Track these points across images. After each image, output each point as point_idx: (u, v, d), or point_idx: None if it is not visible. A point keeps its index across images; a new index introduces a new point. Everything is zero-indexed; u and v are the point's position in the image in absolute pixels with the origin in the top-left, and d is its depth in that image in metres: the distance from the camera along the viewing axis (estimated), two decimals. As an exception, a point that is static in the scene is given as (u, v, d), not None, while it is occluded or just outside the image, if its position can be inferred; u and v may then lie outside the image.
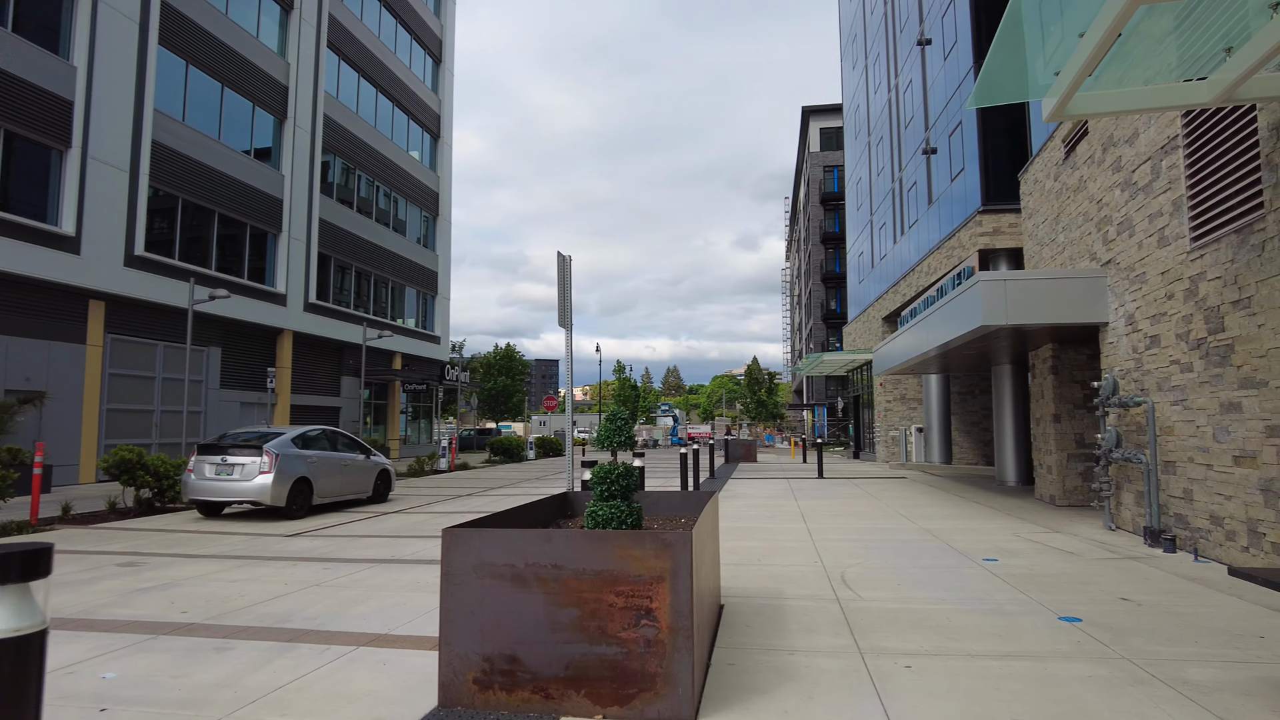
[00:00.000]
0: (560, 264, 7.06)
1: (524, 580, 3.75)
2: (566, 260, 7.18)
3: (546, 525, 5.44)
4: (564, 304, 7.05)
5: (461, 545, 3.82)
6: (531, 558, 3.76)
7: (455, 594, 3.82)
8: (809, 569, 7.61)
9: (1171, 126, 8.55)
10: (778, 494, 15.79)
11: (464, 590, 3.80)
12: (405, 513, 13.45)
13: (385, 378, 33.61)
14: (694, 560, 3.73)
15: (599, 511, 4.64)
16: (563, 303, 7.05)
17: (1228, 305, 7.45)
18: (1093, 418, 12.97)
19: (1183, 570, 7.34)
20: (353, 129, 31.46)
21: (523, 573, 3.75)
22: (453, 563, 3.84)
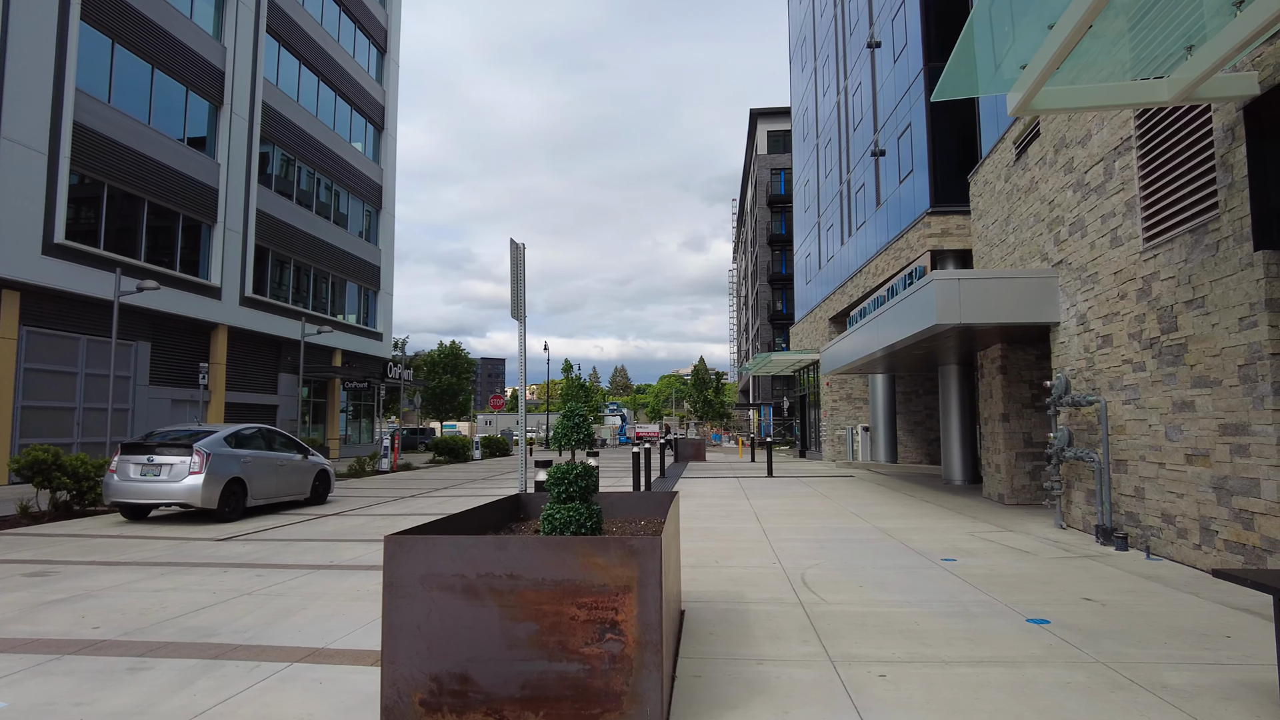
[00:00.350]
0: (513, 252, 6.68)
1: (476, 592, 3.41)
2: (520, 249, 6.80)
3: (498, 530, 5.10)
4: (517, 295, 6.68)
5: (406, 554, 3.47)
6: (484, 567, 3.42)
7: (400, 607, 3.46)
8: (769, 571, 7.40)
9: (1125, 128, 8.60)
10: (730, 493, 15.64)
11: (409, 603, 3.45)
12: (345, 515, 12.88)
13: (325, 375, 32.59)
14: (663, 568, 3.45)
15: (556, 515, 4.32)
16: (516, 294, 6.67)
17: (1181, 305, 7.49)
18: (1041, 417, 13.12)
19: (1137, 568, 7.35)
20: (293, 118, 30.40)
21: (474, 584, 3.42)
22: (397, 573, 3.48)
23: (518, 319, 6.72)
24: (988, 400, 14.14)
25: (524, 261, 6.70)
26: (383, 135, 39.04)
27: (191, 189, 24.10)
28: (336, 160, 33.85)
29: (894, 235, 20.93)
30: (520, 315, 6.67)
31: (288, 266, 30.42)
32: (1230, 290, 6.71)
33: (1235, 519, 6.67)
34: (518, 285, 6.63)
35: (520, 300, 6.65)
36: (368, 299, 37.66)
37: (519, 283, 6.63)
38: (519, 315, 6.73)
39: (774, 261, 65.28)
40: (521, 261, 6.70)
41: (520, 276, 6.63)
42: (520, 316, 6.68)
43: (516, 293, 6.64)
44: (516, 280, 6.61)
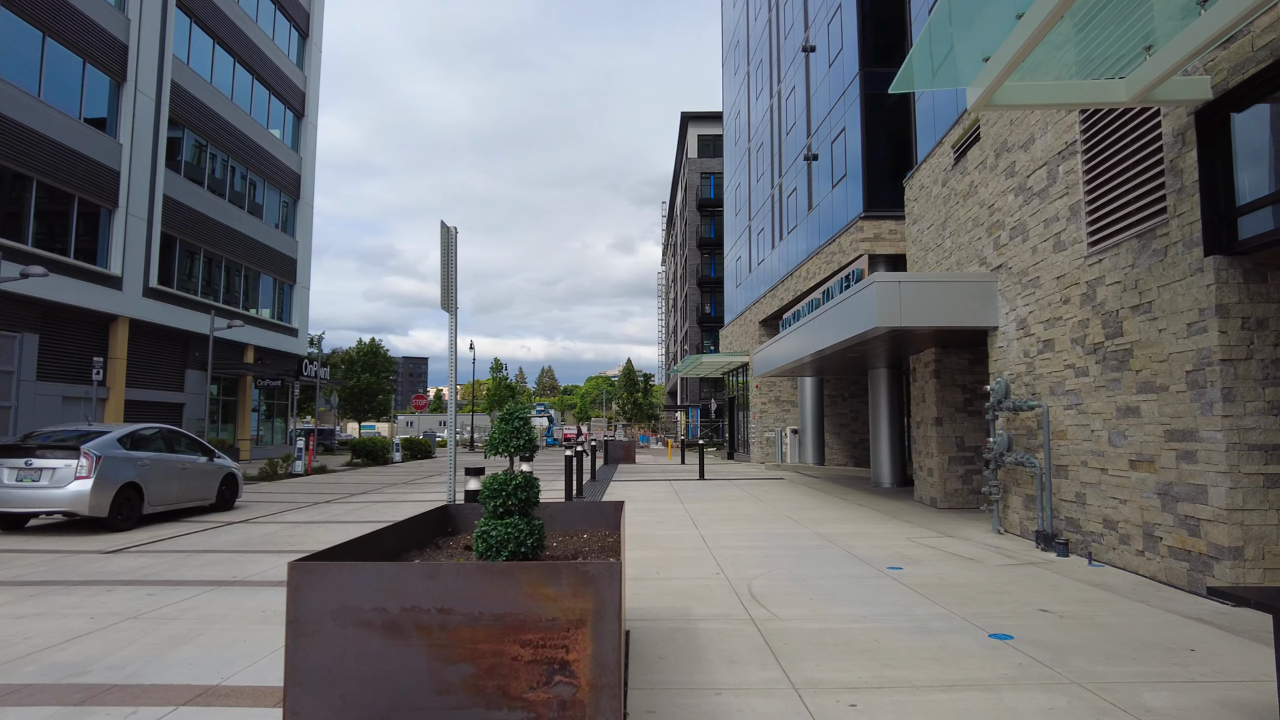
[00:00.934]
0: (444, 238, 6.06)
1: (400, 630, 2.87)
2: (451, 234, 6.15)
3: (423, 547, 4.53)
4: (448, 284, 6.06)
5: (316, 584, 2.91)
6: (410, 599, 2.89)
7: (307, 648, 2.89)
8: (713, 582, 7.01)
9: (1070, 132, 8.57)
10: (663, 497, 15.26)
11: (319, 643, 2.89)
12: (254, 523, 11.96)
13: (236, 372, 30.87)
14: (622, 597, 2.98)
15: (492, 532, 3.81)
16: (447, 283, 6.05)
17: (1127, 310, 7.45)
18: (974, 421, 13.18)
19: (1083, 576, 7.25)
20: (206, 100, 28.67)
21: (398, 619, 2.88)
22: (304, 607, 2.91)
23: (448, 310, 6.11)
24: (920, 404, 14.16)
25: (456, 247, 6.10)
26: (303, 123, 37.34)
27: (89, 170, 22.37)
28: (253, 147, 32.15)
29: (826, 239, 20.97)
30: (451, 307, 6.06)
31: (198, 257, 28.67)
32: (1179, 296, 6.66)
33: (1181, 525, 6.62)
34: (449, 274, 6.03)
35: (451, 291, 6.05)
36: (283, 293, 35.94)
37: (450, 271, 6.03)
38: (449, 306, 6.12)
39: (703, 265, 65.51)
40: (453, 248, 6.09)
41: (452, 264, 6.03)
42: (451, 308, 6.08)
43: (447, 282, 6.03)
44: (448, 268, 6.00)
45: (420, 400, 37.21)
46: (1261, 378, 6.15)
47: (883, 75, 18.74)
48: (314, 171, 38.42)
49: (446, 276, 6.09)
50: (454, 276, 6.07)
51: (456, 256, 6.10)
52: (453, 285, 6.08)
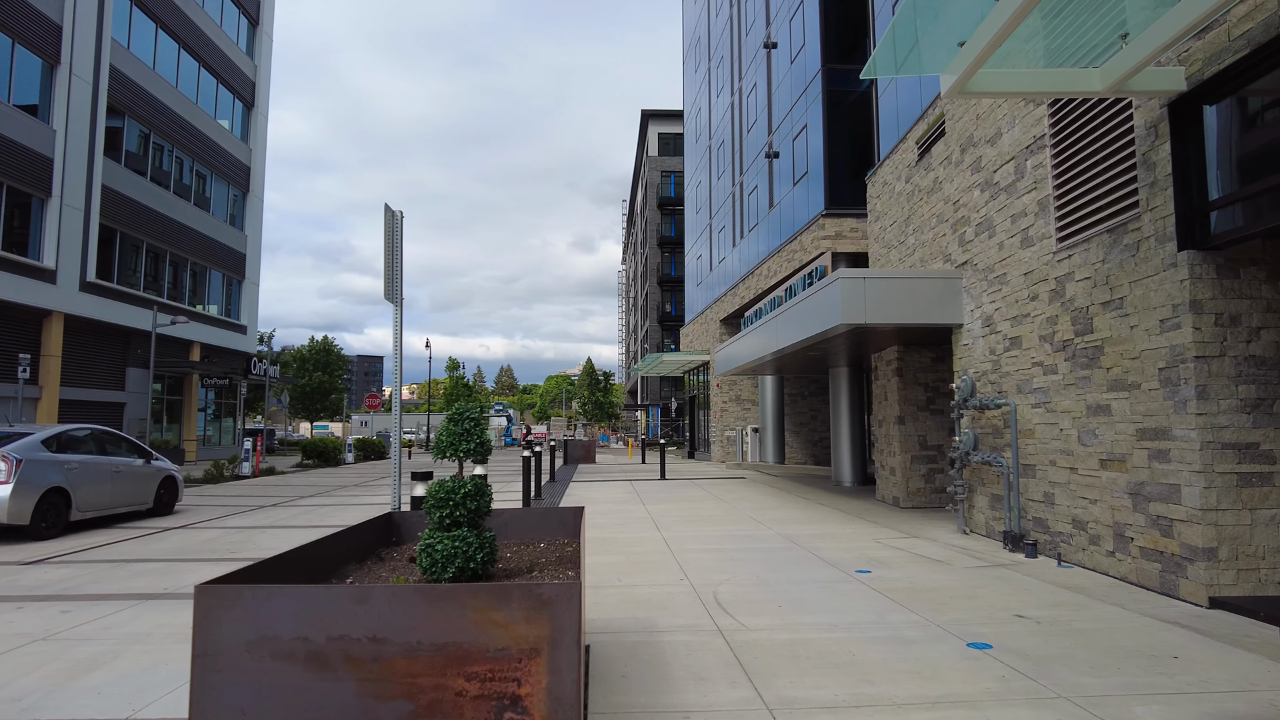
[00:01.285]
0: (388, 222, 5.59)
1: (326, 662, 2.49)
2: (396, 218, 5.68)
3: (365, 561, 4.14)
4: (393, 272, 5.59)
5: (228, 610, 2.51)
6: (338, 627, 2.51)
7: (218, 685, 2.50)
8: (677, 589, 6.70)
9: (1038, 126, 8.44)
10: (624, 498, 14.93)
11: (232, 679, 2.50)
12: (193, 528, 11.33)
13: (181, 370, 29.73)
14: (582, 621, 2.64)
15: (438, 546, 3.44)
16: (391, 271, 5.58)
17: (1098, 306, 7.32)
18: (936, 420, 13.09)
19: (1054, 578, 7.10)
20: (149, 87, 27.52)
21: (324, 650, 2.50)
22: (214, 637, 2.51)
23: (392, 301, 5.65)
24: (882, 402, 14.05)
25: (401, 233, 5.65)
26: (253, 114, 36.17)
27: (18, 156, 21.25)
28: (200, 138, 31.00)
29: (787, 237, 20.84)
30: (395, 297, 5.60)
31: (140, 250, 27.51)
32: (1151, 291, 6.53)
33: (1153, 525, 6.49)
34: (394, 262, 5.57)
35: (396, 280, 5.57)
36: (232, 289, 34.78)
37: (395, 259, 5.58)
38: (394, 297, 5.65)
39: (664, 263, 65.32)
40: (398, 233, 5.63)
41: (397, 252, 5.57)
42: (395, 299, 5.62)
43: (392, 270, 5.56)
44: (392, 255, 5.53)
45: (374, 400, 36.32)
46: (1234, 375, 6.03)
47: (845, 72, 18.65)
48: (265, 164, 37.27)
49: (391, 265, 5.61)
50: (399, 265, 5.61)
51: (402, 243, 5.65)
52: (397, 274, 5.61)
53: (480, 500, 3.57)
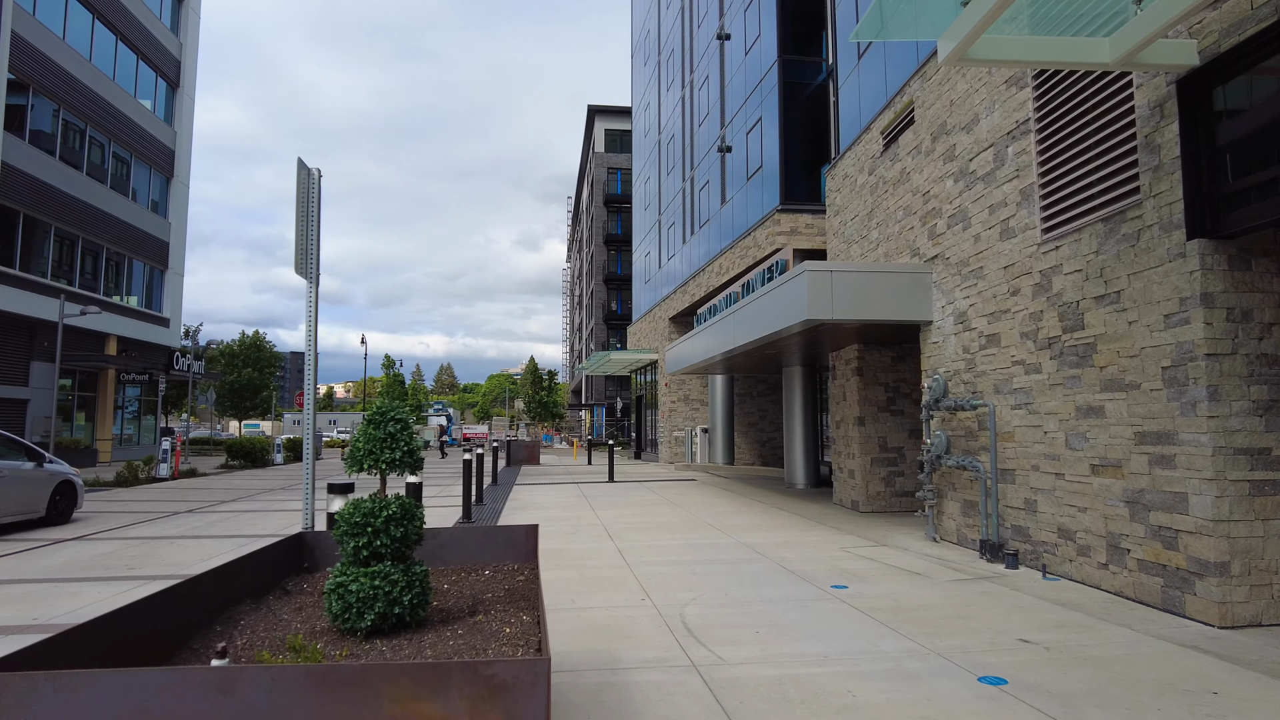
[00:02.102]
0: (303, 182, 4.60)
1: (171, 788, 1.67)
2: (313, 176, 4.70)
3: (263, 600, 3.28)
4: (306, 241, 4.64)
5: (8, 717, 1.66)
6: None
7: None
8: (639, 612, 5.96)
9: (1021, 110, 7.95)
10: (572, 502, 14.13)
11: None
12: (89, 539, 10.13)
13: (94, 365, 27.74)
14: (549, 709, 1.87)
15: (352, 585, 2.64)
16: (305, 240, 4.64)
17: (1090, 301, 6.84)
18: (897, 421, 12.64)
19: (1043, 592, 6.59)
20: (58, 59, 25.51)
21: (169, 769, 1.67)
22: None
23: (304, 276, 4.69)
24: (840, 403, 13.55)
25: (319, 195, 4.72)
26: (178, 94, 34.11)
27: (-94, 129, 19.32)
28: (117, 116, 28.97)
29: (740, 234, 20.30)
30: (309, 272, 4.65)
31: (47, 235, 25.50)
32: (1154, 284, 6.04)
33: (1154, 536, 6.01)
34: (308, 229, 4.62)
35: (310, 251, 4.62)
36: (154, 279, 32.72)
37: (310, 225, 4.63)
38: (307, 272, 4.69)
39: (610, 261, 64.55)
40: (315, 196, 4.67)
41: (312, 217, 4.62)
42: (309, 274, 4.67)
43: (306, 240, 4.62)
44: (307, 221, 4.59)
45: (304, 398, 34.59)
46: (1246, 374, 5.58)
47: (802, 64, 18.19)
48: (190, 148, 35.21)
49: (306, 234, 4.69)
50: (315, 234, 4.68)
51: (319, 208, 4.72)
52: (312, 245, 4.66)
53: (408, 526, 2.78)
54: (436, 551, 4.22)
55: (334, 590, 2.71)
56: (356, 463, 2.89)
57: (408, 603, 2.73)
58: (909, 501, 12.47)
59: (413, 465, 2.95)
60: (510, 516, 12.09)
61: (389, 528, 2.74)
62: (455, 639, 2.82)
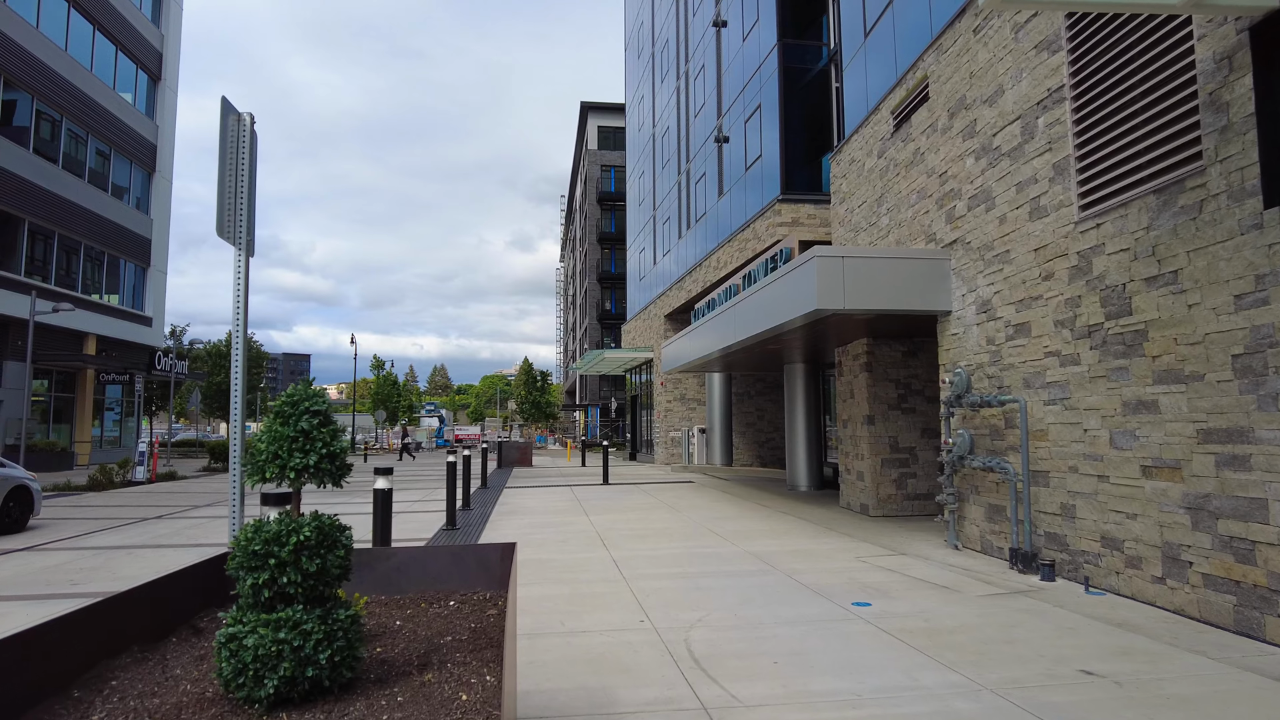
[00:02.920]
0: (229, 128, 3.76)
1: None
2: (243, 122, 3.85)
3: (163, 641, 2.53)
4: (234, 200, 3.77)
5: None
6: None
7: None
8: (638, 636, 5.21)
9: (1053, 77, 7.23)
10: (564, 506, 13.37)
11: None
12: (40, 550, 9.33)
13: (72, 364, 26.88)
14: None
15: (249, 641, 1.88)
16: (232, 198, 3.77)
17: (1139, 283, 6.11)
18: (908, 420, 11.93)
19: (1092, 609, 5.86)
20: (31, 48, 24.63)
21: None
22: None
23: (229, 240, 3.80)
24: (848, 401, 12.83)
25: (253, 146, 3.83)
26: (159, 87, 33.23)
27: None
28: (95, 109, 28.08)
29: (739, 226, 19.58)
30: (235, 236, 3.74)
31: (20, 230, 24.61)
32: (1221, 261, 5.32)
33: (1224, 548, 5.28)
34: (235, 184, 3.76)
35: (238, 210, 3.72)
36: (136, 277, 31.84)
37: (237, 180, 3.75)
38: (233, 235, 3.80)
39: (604, 260, 63.73)
40: (244, 143, 3.83)
41: (240, 170, 3.76)
42: (235, 237, 3.78)
43: (231, 196, 3.76)
44: (235, 175, 3.69)
45: (292, 398, 33.68)
46: (1334, 362, 4.86)
47: (802, 48, 17.47)
48: (173, 142, 34.35)
49: (233, 190, 3.83)
50: (245, 191, 3.82)
51: (252, 162, 3.85)
52: (240, 202, 3.80)
53: (327, 556, 2.04)
54: (391, 577, 3.47)
55: (225, 645, 1.97)
56: (257, 470, 2.15)
57: (325, 661, 1.99)
58: (922, 505, 11.75)
59: (335, 473, 2.21)
60: (498, 522, 11.33)
61: (300, 559, 2.01)
62: (390, 712, 2.07)
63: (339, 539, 2.12)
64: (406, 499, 15.35)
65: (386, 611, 3.23)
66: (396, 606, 3.29)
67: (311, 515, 2.15)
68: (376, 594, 3.44)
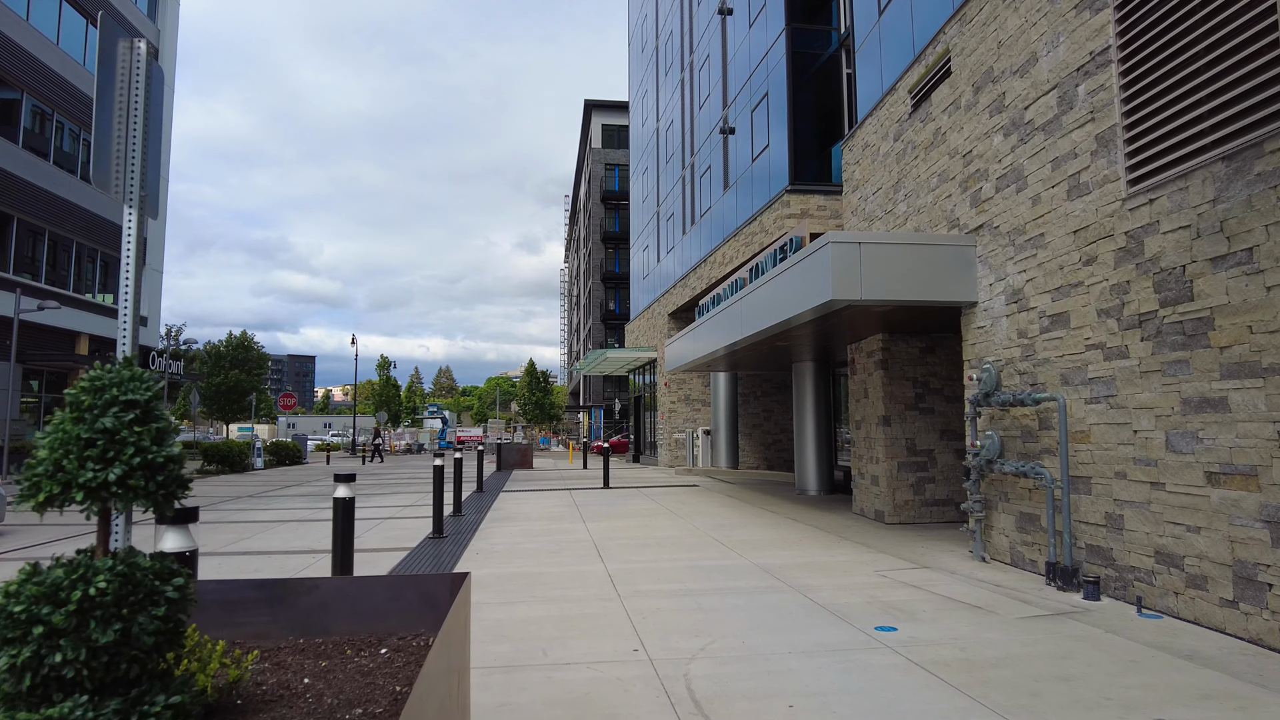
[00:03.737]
0: (111, 56, 2.97)
1: None
2: (137, 52, 3.03)
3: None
4: (125, 144, 2.86)
5: None
6: None
7: None
8: (630, 670, 4.50)
9: (1097, 38, 6.50)
10: (561, 512, 12.66)
11: None
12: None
13: (62, 364, 26.28)
14: None
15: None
16: (121, 142, 2.87)
17: (1203, 264, 5.38)
18: (926, 421, 11.19)
19: (1151, 636, 5.12)
20: (20, 40, 24.03)
21: None
22: None
23: (103, 189, 2.89)
24: (861, 401, 12.10)
25: (151, 79, 2.97)
26: (153, 83, 32.63)
27: None
28: (89, 104, 27.47)
29: (745, 219, 18.87)
30: (123, 187, 2.85)
31: (9, 227, 24.03)
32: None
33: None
34: (126, 124, 2.90)
35: (128, 154, 2.87)
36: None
37: (128, 119, 2.92)
38: (122, 188, 2.89)
39: (607, 259, 63.06)
40: (141, 78, 2.95)
41: (134, 107, 2.90)
42: (123, 190, 2.86)
43: (120, 139, 2.88)
44: (126, 113, 2.86)
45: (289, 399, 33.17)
46: None
47: (811, 33, 16.75)
48: (170, 139, 33.77)
49: (123, 133, 2.97)
50: (139, 135, 2.97)
51: (151, 98, 2.99)
52: (134, 149, 2.94)
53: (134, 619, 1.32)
54: (314, 616, 2.76)
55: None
56: (30, 490, 1.44)
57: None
58: (940, 512, 11.01)
59: (155, 493, 1.49)
60: (489, 530, 10.62)
61: (87, 626, 1.31)
62: None
63: (159, 590, 1.42)
64: (396, 504, 14.66)
65: (298, 662, 2.52)
66: (313, 654, 2.59)
67: (120, 555, 1.45)
68: (293, 638, 2.74)
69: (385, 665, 2.48)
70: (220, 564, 8.41)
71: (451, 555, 8.59)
